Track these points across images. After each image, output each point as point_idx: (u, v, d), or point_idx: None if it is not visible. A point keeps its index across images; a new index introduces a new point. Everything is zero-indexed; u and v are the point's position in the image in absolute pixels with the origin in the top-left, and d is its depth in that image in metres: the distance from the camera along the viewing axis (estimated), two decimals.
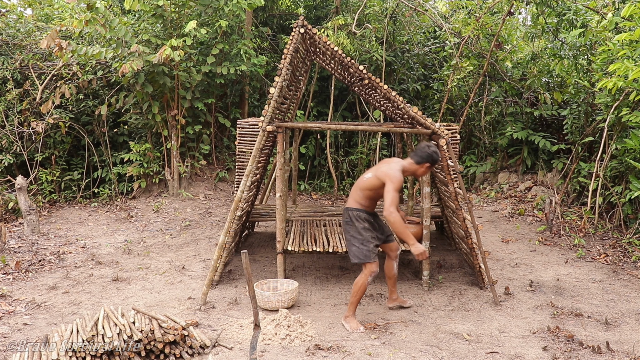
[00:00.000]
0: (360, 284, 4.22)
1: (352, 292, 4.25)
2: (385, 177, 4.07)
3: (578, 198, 8.19)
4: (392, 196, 3.97)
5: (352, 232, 4.26)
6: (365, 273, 4.22)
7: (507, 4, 9.11)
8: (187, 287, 5.19)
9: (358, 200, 4.29)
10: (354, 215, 4.27)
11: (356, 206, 4.29)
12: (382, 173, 4.13)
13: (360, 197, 4.28)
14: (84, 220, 8.06)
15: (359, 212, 4.27)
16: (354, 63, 4.94)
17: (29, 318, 4.42)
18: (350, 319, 4.25)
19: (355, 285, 4.24)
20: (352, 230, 4.27)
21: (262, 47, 10.64)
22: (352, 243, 4.26)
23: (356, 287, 4.23)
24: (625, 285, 5.37)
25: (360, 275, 4.25)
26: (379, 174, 4.16)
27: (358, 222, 4.25)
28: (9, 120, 8.71)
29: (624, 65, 5.43)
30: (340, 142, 10.61)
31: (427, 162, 4.24)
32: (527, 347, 3.92)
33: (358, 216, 4.26)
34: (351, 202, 4.32)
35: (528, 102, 9.98)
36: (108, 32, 7.51)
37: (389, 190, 3.99)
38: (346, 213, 4.32)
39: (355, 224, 4.25)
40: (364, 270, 4.24)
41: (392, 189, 3.99)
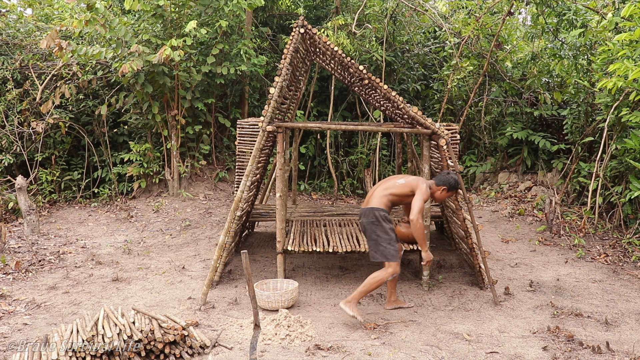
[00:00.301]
0: (378, 279, 4.26)
1: (366, 283, 4.28)
2: (417, 187, 4.31)
3: (578, 198, 8.19)
4: (420, 205, 4.23)
5: (379, 231, 4.32)
6: (389, 272, 4.27)
7: (507, 4, 9.11)
8: (187, 287, 5.19)
9: (384, 201, 4.39)
10: (381, 215, 4.33)
11: (382, 207, 4.37)
12: (415, 182, 4.36)
13: (387, 199, 4.39)
14: (84, 220, 8.06)
15: (385, 213, 4.36)
16: (354, 63, 4.94)
17: (29, 318, 4.42)
18: (352, 305, 4.26)
19: (373, 279, 4.26)
20: (378, 230, 4.32)
21: (262, 47, 10.64)
22: (378, 242, 4.31)
23: (373, 280, 4.26)
24: (625, 285, 5.37)
25: (381, 272, 4.29)
26: (411, 181, 4.37)
27: (385, 222, 4.33)
28: (9, 120, 8.71)
29: (624, 65, 5.43)
30: (340, 142, 10.61)
31: (444, 185, 4.45)
32: (527, 347, 3.92)
33: (385, 217, 4.34)
34: (376, 202, 4.38)
35: (528, 102, 9.99)
36: (108, 32, 7.51)
37: (418, 199, 4.24)
38: (371, 213, 4.36)
39: (382, 224, 4.32)
40: (387, 268, 4.29)
41: (421, 199, 4.25)
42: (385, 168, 10.51)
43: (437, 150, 5.25)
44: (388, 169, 10.51)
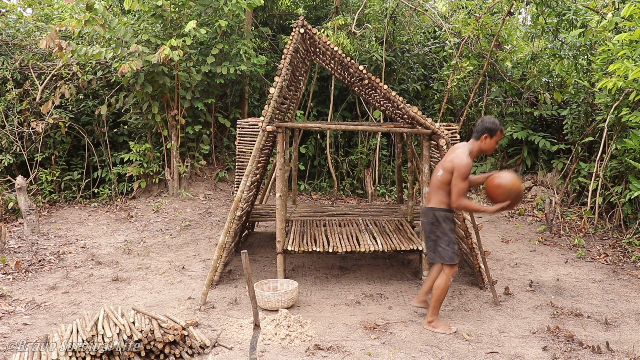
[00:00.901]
0: (443, 287, 4.18)
1: (435, 296, 4.19)
2: (453, 166, 4.02)
3: (578, 198, 8.19)
4: (458, 188, 3.98)
5: (439, 232, 4.18)
6: (448, 274, 4.19)
7: (507, 4, 9.11)
8: (187, 287, 5.19)
9: (441, 199, 4.17)
10: (441, 215, 4.17)
11: (441, 206, 4.17)
12: (449, 163, 4.06)
13: (442, 195, 4.17)
14: (83, 220, 8.06)
15: (445, 212, 4.17)
16: (354, 63, 4.94)
17: (29, 318, 4.42)
18: (437, 322, 4.21)
19: (438, 289, 4.18)
20: (438, 230, 4.18)
21: (262, 47, 10.64)
22: (437, 244, 4.19)
23: (439, 291, 4.18)
24: (625, 285, 5.37)
25: (442, 277, 4.20)
26: (446, 165, 4.09)
27: (446, 223, 4.16)
28: (8, 121, 8.71)
29: (624, 65, 5.43)
30: (340, 142, 10.61)
31: (485, 133, 4.07)
32: (527, 347, 3.92)
33: (446, 217, 4.17)
34: (435, 202, 4.20)
35: (528, 102, 9.99)
36: (107, 33, 7.51)
37: (456, 183, 3.99)
38: (431, 213, 4.21)
39: (442, 224, 4.16)
40: (445, 271, 4.20)
41: (459, 179, 3.97)
42: (385, 168, 10.51)
43: (437, 150, 5.25)
44: (388, 169, 10.51)
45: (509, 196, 4.01)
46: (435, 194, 4.20)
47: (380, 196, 10.07)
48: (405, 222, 6.24)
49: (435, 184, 4.19)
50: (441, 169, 4.14)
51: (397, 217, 6.53)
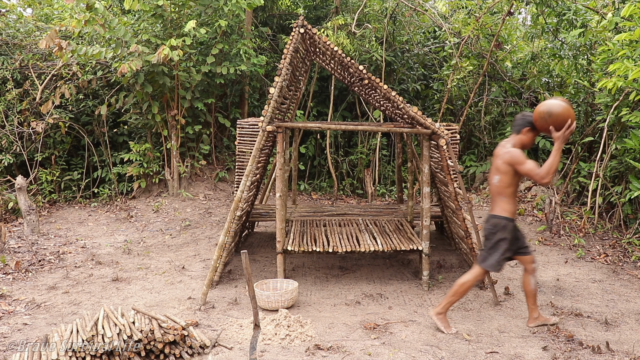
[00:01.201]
0: (467, 286, 4.12)
1: (454, 292, 4.14)
2: (511, 163, 3.93)
3: (578, 198, 8.19)
4: (529, 168, 3.85)
5: (493, 239, 4.09)
6: (475, 276, 4.13)
7: (507, 4, 9.11)
8: (187, 287, 5.19)
9: (503, 206, 4.06)
10: (501, 224, 4.05)
11: (503, 214, 4.05)
12: (504, 163, 3.98)
13: (503, 201, 4.05)
14: (83, 220, 8.06)
15: (505, 221, 4.05)
16: (354, 63, 4.94)
17: (29, 318, 4.42)
18: (443, 317, 4.19)
19: (462, 286, 4.12)
20: (493, 238, 4.10)
21: (262, 47, 10.64)
22: (488, 248, 4.13)
23: (462, 288, 4.13)
24: (625, 285, 5.37)
25: (468, 276, 4.14)
26: (500, 167, 4.00)
27: (501, 232, 4.07)
28: (8, 120, 8.71)
29: (624, 65, 5.43)
30: (340, 142, 10.61)
31: (525, 127, 3.98)
32: (527, 347, 3.92)
33: (505, 227, 4.05)
34: (497, 210, 4.09)
35: (528, 102, 9.99)
36: (107, 32, 7.51)
37: (524, 169, 3.87)
38: (491, 220, 4.11)
39: (497, 234, 4.08)
40: (474, 272, 4.15)
41: (523, 165, 3.87)
42: (385, 168, 10.51)
43: (437, 150, 5.25)
44: (388, 169, 10.51)
45: (565, 117, 3.80)
46: (497, 202, 4.10)
47: (380, 196, 10.07)
48: (405, 222, 6.24)
49: (495, 190, 4.10)
50: (496, 175, 4.05)
51: (397, 217, 6.53)
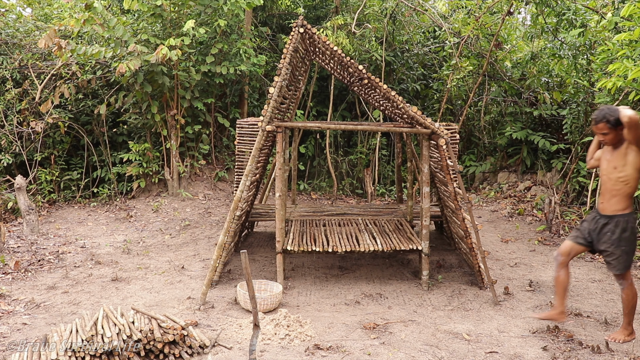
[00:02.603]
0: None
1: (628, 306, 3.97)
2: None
3: (577, 198, 8.20)
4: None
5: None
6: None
7: (506, 4, 9.11)
8: (187, 287, 5.19)
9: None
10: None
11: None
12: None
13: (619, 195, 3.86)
14: (83, 220, 8.05)
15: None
16: (354, 63, 4.94)
17: (28, 318, 4.41)
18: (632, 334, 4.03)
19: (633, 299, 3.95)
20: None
21: (261, 46, 10.63)
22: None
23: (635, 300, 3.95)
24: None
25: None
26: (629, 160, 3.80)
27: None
28: (8, 120, 8.70)
29: (624, 65, 5.43)
30: (340, 142, 10.61)
31: (594, 125, 3.91)
32: (526, 347, 3.92)
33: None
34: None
35: (527, 102, 9.99)
36: (106, 32, 7.50)
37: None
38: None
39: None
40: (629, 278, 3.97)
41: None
42: (384, 168, 10.51)
43: (436, 150, 5.25)
44: (387, 169, 10.51)
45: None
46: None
47: (380, 196, 10.07)
48: (404, 221, 6.24)
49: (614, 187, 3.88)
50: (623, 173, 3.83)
51: (397, 216, 6.52)
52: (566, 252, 4.04)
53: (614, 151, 3.86)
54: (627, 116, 3.55)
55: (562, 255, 4.04)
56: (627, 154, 3.77)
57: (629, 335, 3.99)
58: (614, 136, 3.81)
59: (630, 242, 3.85)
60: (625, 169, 3.78)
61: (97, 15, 7.33)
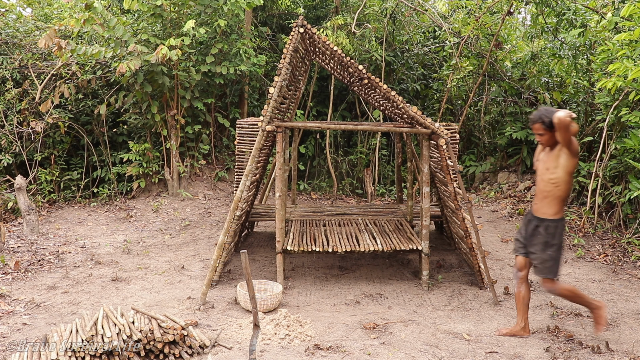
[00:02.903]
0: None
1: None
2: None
3: (577, 198, 8.19)
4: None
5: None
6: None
7: (506, 4, 9.11)
8: (187, 287, 5.19)
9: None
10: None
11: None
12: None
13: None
14: (83, 220, 8.05)
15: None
16: (354, 63, 4.94)
17: (28, 318, 4.41)
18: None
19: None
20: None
21: (261, 46, 10.63)
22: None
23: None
24: (625, 285, 5.37)
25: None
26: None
27: None
28: (8, 120, 8.70)
29: (624, 65, 5.43)
30: (340, 142, 10.61)
31: (531, 125, 3.96)
32: (526, 347, 3.92)
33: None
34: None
35: (527, 102, 9.99)
36: (106, 32, 7.50)
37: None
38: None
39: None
40: None
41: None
42: (384, 168, 10.51)
43: (436, 150, 5.25)
44: (387, 169, 10.51)
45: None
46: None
47: (380, 196, 10.07)
48: (404, 221, 6.24)
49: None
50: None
51: (397, 216, 6.52)
52: (521, 265, 4.11)
53: (549, 153, 3.90)
54: (557, 117, 3.59)
55: (520, 270, 4.11)
56: (560, 156, 3.80)
57: (600, 321, 4.03)
58: (549, 137, 3.85)
59: (556, 248, 3.89)
60: (556, 171, 3.82)
61: (97, 15, 7.33)
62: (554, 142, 3.83)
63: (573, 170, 3.82)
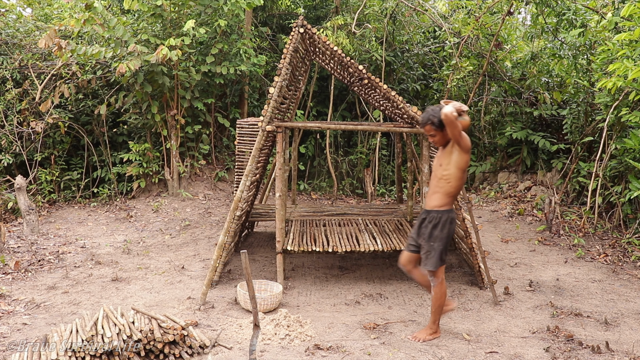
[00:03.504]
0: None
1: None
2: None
3: (577, 198, 8.19)
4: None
5: None
6: None
7: (506, 4, 9.11)
8: (187, 287, 5.19)
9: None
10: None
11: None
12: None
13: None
14: (83, 220, 8.05)
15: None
16: (354, 63, 4.94)
17: (28, 318, 4.41)
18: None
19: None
20: None
21: (261, 47, 10.63)
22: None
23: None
24: (625, 285, 5.37)
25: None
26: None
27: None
28: (8, 120, 8.70)
29: (624, 65, 5.43)
30: (340, 142, 10.61)
31: (421, 127, 4.04)
32: (526, 347, 3.92)
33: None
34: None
35: (527, 102, 9.99)
36: (106, 32, 7.50)
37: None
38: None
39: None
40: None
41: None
42: (384, 168, 10.51)
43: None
44: (388, 169, 10.51)
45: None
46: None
47: (380, 196, 10.07)
48: (405, 221, 6.24)
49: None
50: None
51: (397, 216, 6.52)
52: (405, 262, 4.15)
53: (443, 150, 3.94)
54: (444, 114, 3.61)
55: (405, 266, 4.16)
56: (452, 153, 3.84)
57: (433, 334, 4.04)
58: (441, 137, 3.89)
59: (440, 239, 3.90)
60: (448, 168, 3.86)
61: (97, 15, 7.33)
62: (447, 140, 3.88)
63: (465, 167, 3.88)
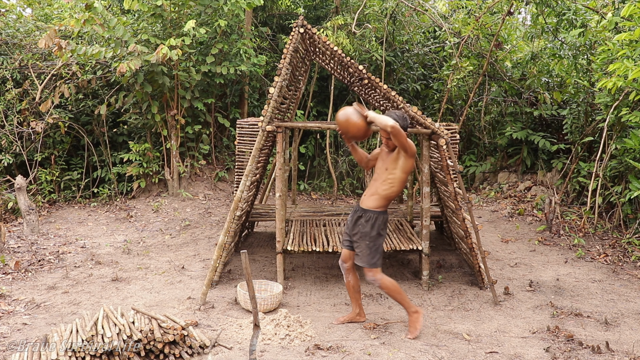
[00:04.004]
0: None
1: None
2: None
3: (578, 198, 8.19)
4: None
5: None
6: None
7: (506, 4, 9.11)
8: (187, 287, 5.19)
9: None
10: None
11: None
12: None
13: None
14: (83, 220, 8.05)
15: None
16: (354, 63, 4.94)
17: (29, 318, 4.41)
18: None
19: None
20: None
21: (261, 47, 10.63)
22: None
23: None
24: (625, 285, 5.37)
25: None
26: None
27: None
28: (8, 120, 8.70)
29: (624, 65, 5.43)
30: (340, 142, 10.60)
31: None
32: (526, 347, 3.92)
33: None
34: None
35: (528, 102, 9.99)
36: (106, 32, 7.51)
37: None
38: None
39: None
40: None
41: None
42: None
43: (436, 150, 5.24)
44: None
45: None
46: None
47: None
48: (405, 221, 6.24)
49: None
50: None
51: (397, 217, 6.52)
52: (345, 257, 4.24)
53: (389, 154, 4.12)
54: (390, 126, 3.78)
55: (345, 262, 4.25)
56: (399, 159, 4.02)
57: (416, 316, 4.11)
58: (393, 142, 4.05)
59: (373, 239, 4.04)
60: (394, 172, 4.04)
61: (97, 16, 7.33)
62: (395, 145, 4.05)
63: (410, 170, 4.08)
